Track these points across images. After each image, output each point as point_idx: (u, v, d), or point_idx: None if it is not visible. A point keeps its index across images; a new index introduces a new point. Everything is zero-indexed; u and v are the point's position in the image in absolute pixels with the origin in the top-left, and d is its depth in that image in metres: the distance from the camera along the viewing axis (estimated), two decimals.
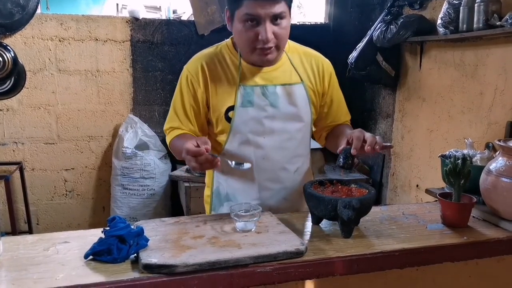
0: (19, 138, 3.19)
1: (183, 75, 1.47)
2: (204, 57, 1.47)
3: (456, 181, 1.27)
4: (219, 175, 1.54)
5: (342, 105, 1.60)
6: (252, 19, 1.30)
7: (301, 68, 1.49)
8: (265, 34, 1.30)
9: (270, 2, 1.28)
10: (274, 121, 1.44)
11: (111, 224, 1.07)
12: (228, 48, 1.48)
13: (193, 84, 1.44)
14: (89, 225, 3.42)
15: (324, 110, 1.56)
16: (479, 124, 2.43)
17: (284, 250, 1.05)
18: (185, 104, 1.46)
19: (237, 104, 1.42)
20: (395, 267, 1.15)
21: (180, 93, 1.47)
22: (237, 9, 1.32)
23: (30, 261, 1.02)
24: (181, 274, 0.97)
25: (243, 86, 1.42)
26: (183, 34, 3.35)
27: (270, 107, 1.43)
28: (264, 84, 1.44)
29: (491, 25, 2.17)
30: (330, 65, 1.56)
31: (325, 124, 1.58)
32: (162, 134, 3.40)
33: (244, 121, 1.42)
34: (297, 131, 1.48)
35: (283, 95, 1.44)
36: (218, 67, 1.45)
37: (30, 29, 3.07)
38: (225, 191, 1.53)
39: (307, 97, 1.48)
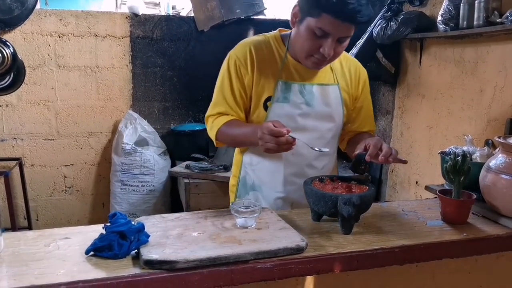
0: (19, 134, 3.19)
1: (230, 60, 1.48)
2: (252, 43, 1.48)
3: (455, 178, 1.27)
4: (248, 165, 1.58)
5: (370, 114, 1.64)
6: (323, 33, 1.31)
7: (340, 71, 1.53)
8: (328, 50, 1.33)
9: (346, 26, 1.29)
10: (307, 119, 1.48)
11: (112, 220, 1.07)
12: (276, 40, 1.50)
13: (241, 69, 1.46)
14: (89, 221, 3.43)
15: (352, 114, 1.59)
16: (479, 121, 2.44)
17: (284, 246, 1.06)
18: (234, 90, 1.47)
19: (274, 98, 1.46)
20: (395, 263, 1.15)
21: (229, 78, 1.47)
22: (312, 17, 1.31)
23: (31, 257, 1.02)
24: (182, 270, 0.97)
25: (282, 81, 1.46)
26: (183, 30, 3.34)
27: (305, 105, 1.48)
28: (303, 82, 1.47)
29: (492, 22, 2.17)
30: (366, 74, 1.61)
31: (350, 128, 1.62)
32: (162, 130, 3.43)
33: (278, 116, 1.45)
34: (327, 131, 1.52)
35: (319, 94, 1.48)
36: (265, 55, 1.47)
37: (29, 25, 3.06)
38: (251, 181, 1.58)
39: (341, 98, 1.52)
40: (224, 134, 1.48)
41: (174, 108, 3.43)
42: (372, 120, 1.66)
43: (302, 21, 1.35)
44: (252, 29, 3.41)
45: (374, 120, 1.69)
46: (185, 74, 3.39)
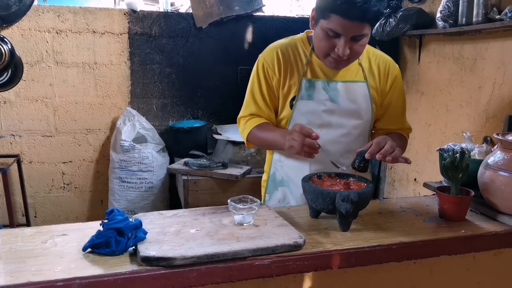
0: (17, 130, 3.18)
1: (259, 63, 1.55)
2: (279, 46, 1.54)
3: (454, 175, 1.27)
4: (277, 162, 1.64)
5: (399, 112, 1.61)
6: (334, 34, 1.34)
7: (368, 67, 1.54)
8: (342, 50, 1.35)
9: (355, 24, 1.31)
10: (333, 115, 1.51)
11: (110, 216, 1.07)
12: (303, 41, 1.55)
13: (269, 73, 1.52)
14: (87, 218, 3.42)
15: (380, 111, 1.58)
16: (478, 118, 2.44)
17: (282, 243, 1.05)
18: (263, 91, 1.54)
19: (298, 96, 1.50)
20: (392, 260, 1.15)
21: (258, 81, 1.54)
22: (323, 19, 1.36)
23: (29, 253, 1.02)
24: (179, 266, 0.97)
25: (306, 79, 1.51)
26: (181, 27, 3.33)
27: (330, 102, 1.50)
28: (327, 80, 1.50)
29: (490, 19, 2.17)
30: (397, 69, 1.60)
31: (379, 126, 1.62)
32: (160, 127, 3.43)
33: (303, 113, 1.50)
34: (354, 127, 1.54)
35: (344, 91, 1.50)
36: (292, 57, 1.52)
37: (27, 21, 3.05)
38: (280, 177, 1.64)
39: (369, 95, 1.53)
40: (255, 137, 1.55)
41: (172, 105, 3.43)
42: (402, 118, 1.63)
43: (317, 23, 1.40)
44: (251, 26, 3.40)
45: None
46: (183, 71, 3.38)
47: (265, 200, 1.69)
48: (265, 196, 1.70)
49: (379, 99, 1.56)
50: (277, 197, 1.65)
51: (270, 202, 1.66)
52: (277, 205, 1.61)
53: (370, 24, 1.35)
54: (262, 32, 3.39)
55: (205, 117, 3.40)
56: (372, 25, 1.36)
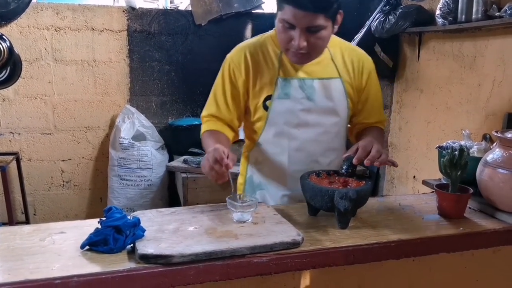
0: (16, 128, 3.18)
1: (225, 64, 1.50)
2: (248, 47, 1.50)
3: (453, 172, 1.27)
4: (253, 164, 1.59)
5: (376, 105, 1.60)
6: (289, 26, 1.32)
7: (341, 63, 1.51)
8: (297, 42, 1.32)
9: (307, 14, 1.28)
10: (310, 114, 1.47)
11: (108, 214, 1.07)
12: (272, 39, 1.51)
13: (235, 73, 1.48)
14: (86, 216, 3.42)
15: (358, 106, 1.56)
16: (477, 115, 2.43)
17: (280, 240, 1.05)
18: (226, 92, 1.49)
19: (274, 96, 1.46)
20: (391, 257, 1.15)
21: (222, 81, 1.50)
22: (279, 10, 1.34)
23: (26, 251, 1.02)
24: (177, 264, 0.97)
25: (282, 78, 1.46)
26: (181, 24, 3.33)
27: (307, 100, 1.47)
28: (302, 77, 1.47)
29: (490, 16, 2.16)
30: (371, 63, 1.57)
31: (357, 121, 1.59)
32: (159, 124, 3.42)
33: (279, 112, 1.46)
34: (332, 125, 1.51)
35: (320, 89, 1.47)
36: (261, 57, 1.48)
37: (25, 18, 3.04)
38: (258, 180, 1.59)
39: (345, 92, 1.50)
40: (203, 140, 1.52)
41: (171, 103, 3.42)
42: (380, 111, 1.62)
43: (276, 16, 1.38)
44: (250, 23, 3.40)
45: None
46: (182, 68, 3.37)
47: None
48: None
49: (355, 94, 1.53)
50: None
51: None
52: None
53: (325, 15, 1.30)
54: (262, 29, 3.33)
55: None
56: (329, 16, 1.32)
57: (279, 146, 1.50)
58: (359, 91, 1.54)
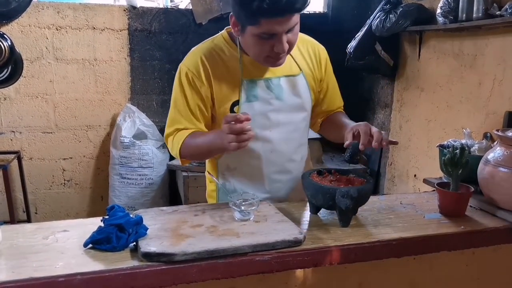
0: (17, 127, 3.18)
1: (182, 73, 1.39)
2: (201, 51, 1.40)
3: (454, 171, 1.27)
4: (225, 171, 1.51)
5: (336, 91, 1.60)
6: (269, 36, 1.26)
7: (300, 56, 1.48)
8: (282, 47, 1.27)
9: (288, 18, 1.23)
10: (280, 113, 1.43)
11: (110, 213, 1.07)
12: (225, 40, 1.42)
13: (195, 81, 1.38)
14: (87, 214, 3.43)
15: (320, 96, 1.55)
16: (477, 114, 2.44)
17: (282, 239, 1.06)
18: (189, 103, 1.39)
19: (242, 100, 1.38)
20: (392, 256, 1.15)
21: (182, 93, 1.39)
22: (251, 25, 1.25)
23: (30, 249, 1.02)
24: (180, 262, 0.97)
25: (246, 80, 1.39)
26: (181, 23, 3.33)
27: (276, 100, 1.42)
28: (268, 77, 1.41)
29: (491, 15, 2.16)
30: (325, 51, 1.54)
31: (320, 110, 1.57)
32: (160, 123, 3.42)
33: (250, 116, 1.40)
34: (301, 121, 1.49)
35: (287, 86, 1.43)
36: (218, 61, 1.39)
37: (27, 17, 3.04)
38: (232, 187, 1.50)
39: (307, 86, 1.47)
40: (189, 147, 1.37)
41: None
42: (339, 97, 1.61)
43: (244, 30, 1.29)
44: None
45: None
46: None
47: None
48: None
49: (316, 85, 1.51)
50: None
51: None
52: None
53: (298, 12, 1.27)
54: None
55: None
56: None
57: (252, 150, 1.42)
58: (320, 81, 1.53)
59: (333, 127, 1.53)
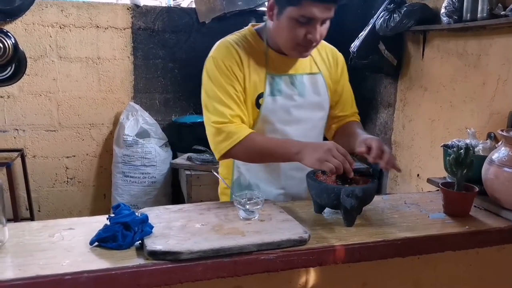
0: (20, 125, 3.19)
1: (218, 65, 1.37)
2: (232, 42, 1.42)
3: (458, 171, 1.27)
4: (241, 165, 1.51)
5: (350, 97, 1.62)
6: (306, 20, 1.28)
7: (319, 57, 1.52)
8: (316, 35, 1.30)
9: (329, 6, 1.28)
10: (301, 110, 1.46)
11: (116, 211, 1.07)
12: (252, 34, 1.46)
13: (233, 70, 1.37)
14: (90, 212, 3.44)
15: (334, 99, 1.57)
16: (481, 114, 2.43)
17: (287, 238, 1.06)
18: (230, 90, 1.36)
19: (266, 93, 1.41)
20: (397, 255, 1.15)
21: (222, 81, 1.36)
22: (291, 6, 1.27)
23: (36, 247, 1.03)
24: (185, 261, 0.98)
25: (271, 75, 1.42)
26: (184, 22, 3.33)
27: (298, 96, 1.45)
28: (292, 73, 1.45)
29: (495, 15, 2.16)
30: (343, 57, 1.61)
31: (334, 114, 1.59)
32: (163, 122, 3.43)
33: (272, 110, 1.42)
34: (319, 120, 1.52)
35: (309, 84, 1.47)
36: (249, 53, 1.42)
37: (30, 16, 3.05)
38: (247, 182, 1.51)
39: (326, 85, 1.51)
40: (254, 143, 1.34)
41: (175, 100, 3.43)
42: (353, 103, 1.63)
43: (282, 12, 1.31)
44: (254, 21, 3.38)
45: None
46: (186, 66, 3.38)
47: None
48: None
49: (333, 87, 1.54)
50: None
51: None
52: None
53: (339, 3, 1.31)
54: None
55: None
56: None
57: None
58: (336, 83, 1.56)
59: (346, 135, 1.54)
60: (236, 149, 1.34)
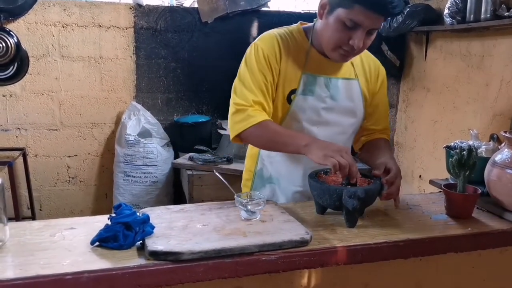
0: (22, 124, 3.19)
1: (257, 51, 1.41)
2: (277, 35, 1.45)
3: (461, 172, 1.27)
4: (265, 157, 1.55)
5: (385, 112, 1.62)
6: (353, 25, 1.29)
7: (360, 66, 1.53)
8: (358, 42, 1.31)
9: (379, 17, 1.29)
10: (331, 113, 1.47)
11: (117, 211, 1.07)
12: (299, 31, 1.48)
13: (269, 60, 1.41)
14: (92, 212, 3.44)
15: (369, 110, 1.57)
16: (484, 115, 2.42)
17: (289, 239, 1.06)
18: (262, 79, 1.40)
19: (298, 90, 1.43)
20: (399, 257, 1.15)
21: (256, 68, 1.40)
22: (344, 8, 1.28)
23: (37, 246, 1.03)
24: (187, 261, 0.97)
25: (308, 74, 1.44)
26: (187, 21, 3.33)
27: (330, 99, 1.46)
28: (329, 76, 1.46)
29: (499, 16, 2.15)
30: (384, 71, 1.60)
31: (365, 126, 1.60)
32: (165, 121, 3.43)
33: (302, 108, 1.44)
34: (349, 126, 1.52)
35: (344, 89, 1.47)
36: (290, 47, 1.44)
37: (33, 15, 3.05)
38: (268, 173, 1.55)
39: (361, 93, 1.51)
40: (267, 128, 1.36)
41: (177, 100, 3.43)
42: (387, 120, 1.63)
43: (332, 12, 1.32)
44: (256, 21, 3.39)
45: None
46: (188, 65, 3.38)
47: None
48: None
49: (369, 97, 1.55)
50: (265, 194, 1.55)
51: None
52: None
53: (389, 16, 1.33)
54: (268, 27, 3.30)
55: (210, 112, 3.40)
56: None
57: None
58: (372, 95, 1.56)
59: (371, 151, 1.54)
60: (249, 131, 1.37)
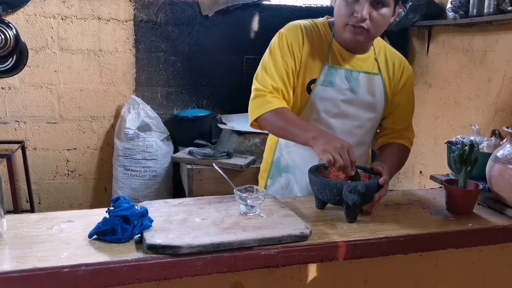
0: (21, 117, 3.18)
1: (282, 38, 1.46)
2: (302, 25, 1.48)
3: (462, 168, 1.26)
4: (283, 147, 1.59)
5: (405, 113, 1.58)
6: None
7: (384, 62, 1.53)
8: (360, 12, 1.32)
9: None
10: (350, 106, 1.48)
11: (116, 204, 1.06)
12: (324, 25, 1.51)
13: (293, 49, 1.44)
14: (91, 205, 3.43)
15: (389, 109, 1.56)
16: (486, 111, 2.41)
17: (288, 233, 1.05)
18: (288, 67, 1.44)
19: (319, 81, 1.45)
20: (399, 252, 1.14)
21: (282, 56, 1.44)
22: None
23: (34, 239, 1.02)
24: (185, 255, 0.97)
25: (329, 65, 1.46)
26: (187, 15, 3.30)
27: (350, 92, 1.47)
28: (350, 69, 1.47)
29: (502, 10, 2.14)
30: (411, 71, 1.58)
31: (385, 124, 1.59)
32: (165, 115, 3.42)
33: (321, 99, 1.46)
34: (368, 120, 1.52)
35: (364, 83, 1.48)
36: (313, 38, 1.47)
37: (32, 7, 3.02)
38: (285, 162, 1.59)
39: (383, 88, 1.51)
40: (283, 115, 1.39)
41: (177, 94, 3.41)
42: (409, 122, 1.60)
43: None
44: (257, 15, 3.37)
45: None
46: (188, 59, 3.36)
47: (267, 185, 1.64)
48: (267, 181, 1.64)
49: (391, 95, 1.54)
50: (281, 183, 1.61)
51: (273, 188, 1.62)
52: (279, 191, 1.58)
53: None
54: (269, 21, 3.36)
55: (210, 106, 3.39)
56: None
57: None
58: (394, 93, 1.55)
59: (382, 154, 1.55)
60: (265, 117, 1.40)
